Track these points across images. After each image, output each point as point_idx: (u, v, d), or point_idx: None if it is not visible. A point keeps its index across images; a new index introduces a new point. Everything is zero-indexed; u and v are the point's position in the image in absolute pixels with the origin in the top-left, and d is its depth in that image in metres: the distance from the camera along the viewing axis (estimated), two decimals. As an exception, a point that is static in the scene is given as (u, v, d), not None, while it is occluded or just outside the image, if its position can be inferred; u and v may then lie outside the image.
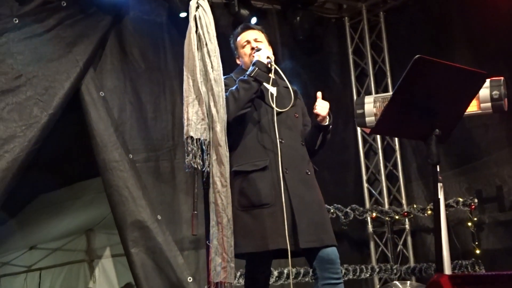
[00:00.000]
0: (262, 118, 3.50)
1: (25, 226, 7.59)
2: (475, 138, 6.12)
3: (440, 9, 6.52)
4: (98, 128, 5.22)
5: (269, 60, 3.49)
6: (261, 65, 3.46)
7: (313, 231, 3.38)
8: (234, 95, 3.40)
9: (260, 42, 3.70)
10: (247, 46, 3.71)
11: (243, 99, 3.40)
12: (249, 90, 3.42)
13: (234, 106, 3.38)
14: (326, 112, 3.55)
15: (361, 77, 7.11)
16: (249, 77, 3.42)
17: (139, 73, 5.61)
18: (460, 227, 6.14)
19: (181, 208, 5.50)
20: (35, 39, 5.05)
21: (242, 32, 3.80)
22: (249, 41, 3.71)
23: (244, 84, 3.42)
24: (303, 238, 3.32)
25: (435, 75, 2.91)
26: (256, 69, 3.44)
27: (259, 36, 3.74)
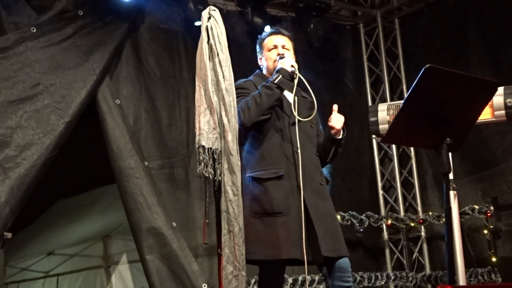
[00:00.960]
0: (279, 127, 3.51)
1: (43, 232, 7.67)
2: (491, 145, 6.09)
3: (456, 16, 6.50)
4: (114, 136, 5.28)
5: (293, 69, 3.48)
6: (285, 72, 3.46)
7: (331, 241, 3.40)
8: (256, 100, 3.41)
9: (287, 49, 3.70)
10: (273, 51, 3.69)
11: (265, 105, 3.41)
12: (271, 97, 3.42)
13: (255, 111, 3.40)
14: (341, 125, 3.54)
15: (376, 84, 7.11)
16: (272, 84, 3.43)
17: (154, 81, 5.66)
18: (476, 234, 6.10)
19: (195, 215, 5.53)
20: (52, 48, 5.13)
21: (271, 35, 3.76)
22: (277, 46, 3.69)
23: (267, 90, 3.42)
24: (324, 247, 3.33)
25: (445, 84, 2.90)
26: (280, 76, 3.44)
27: (287, 43, 3.73)
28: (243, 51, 5.89)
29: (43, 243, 7.84)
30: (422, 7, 6.80)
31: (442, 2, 6.60)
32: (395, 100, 6.90)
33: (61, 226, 7.68)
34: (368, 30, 7.14)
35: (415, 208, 6.80)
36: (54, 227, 7.68)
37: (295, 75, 3.46)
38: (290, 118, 3.52)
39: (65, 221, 7.63)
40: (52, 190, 6.60)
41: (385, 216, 6.64)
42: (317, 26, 6.48)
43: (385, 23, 7.07)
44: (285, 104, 3.54)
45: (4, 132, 4.79)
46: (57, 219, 7.62)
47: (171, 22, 5.86)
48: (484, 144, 6.08)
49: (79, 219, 7.62)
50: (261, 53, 3.76)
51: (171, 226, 5.35)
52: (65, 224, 7.66)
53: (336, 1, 6.70)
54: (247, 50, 5.97)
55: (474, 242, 6.03)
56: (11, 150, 4.79)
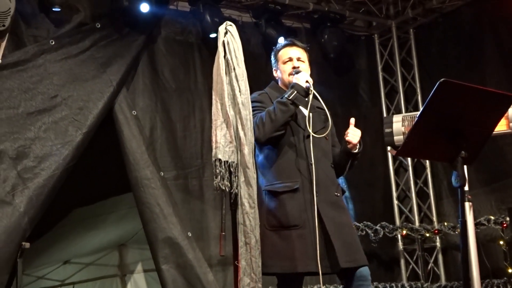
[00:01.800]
0: (294, 140, 3.52)
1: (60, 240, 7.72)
2: (506, 155, 6.08)
3: (471, 26, 6.51)
4: (131, 147, 5.34)
5: (308, 85, 3.47)
6: (300, 88, 3.46)
7: (349, 252, 3.41)
8: (271, 116, 3.41)
9: (302, 61, 3.68)
10: (289, 63, 3.67)
11: (279, 121, 3.41)
12: (286, 113, 3.42)
13: (270, 127, 3.40)
14: (357, 140, 3.54)
15: (391, 94, 7.12)
16: (287, 100, 3.43)
17: (169, 93, 5.74)
18: (492, 245, 6.08)
19: (209, 225, 5.59)
20: (70, 60, 5.22)
21: (286, 47, 3.73)
22: (292, 58, 3.67)
23: (282, 106, 3.42)
24: (342, 258, 3.35)
25: (460, 98, 2.91)
26: (294, 92, 3.43)
27: (302, 55, 3.71)
28: (258, 62, 5.95)
29: (59, 252, 7.89)
30: (437, 18, 6.81)
31: (457, 13, 6.61)
32: (410, 110, 6.91)
33: (77, 235, 7.73)
34: (383, 41, 7.16)
35: (430, 218, 6.79)
36: (71, 236, 7.72)
37: (310, 91, 3.47)
38: (304, 132, 3.53)
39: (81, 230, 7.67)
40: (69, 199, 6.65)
41: (400, 226, 6.64)
42: (331, 37, 6.51)
43: (400, 33, 7.09)
44: (299, 118, 3.55)
45: (23, 143, 4.87)
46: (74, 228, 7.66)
47: (187, 34, 5.93)
48: (499, 154, 6.07)
49: (95, 228, 7.67)
50: (276, 65, 3.75)
51: (187, 236, 5.39)
52: (81, 233, 7.70)
53: (351, 12, 6.75)
54: (262, 61, 6.02)
55: (490, 253, 6.01)
56: (30, 161, 4.87)
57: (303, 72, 3.58)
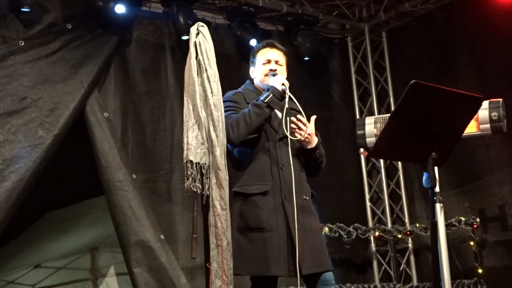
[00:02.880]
0: (267, 143, 3.50)
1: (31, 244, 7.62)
2: (477, 157, 6.16)
3: (443, 30, 6.58)
4: (103, 149, 5.29)
5: (283, 88, 3.47)
6: (275, 92, 3.45)
7: (315, 257, 3.42)
8: (246, 118, 3.39)
9: (280, 65, 3.67)
10: (266, 65, 3.65)
11: (254, 124, 3.40)
12: (261, 116, 3.40)
13: (244, 129, 3.38)
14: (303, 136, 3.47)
15: (363, 96, 7.16)
16: (263, 103, 3.41)
17: (140, 95, 5.70)
18: (463, 246, 6.15)
19: (178, 228, 5.57)
20: (40, 61, 5.14)
21: (265, 47, 3.72)
22: (270, 61, 3.66)
23: (257, 109, 3.41)
24: (306, 264, 3.35)
25: (431, 100, 2.94)
26: (270, 96, 3.42)
27: (281, 58, 3.69)
28: (231, 64, 5.94)
29: (30, 255, 7.78)
30: (410, 21, 6.87)
31: (430, 17, 6.68)
32: (382, 112, 6.95)
33: (48, 238, 7.63)
34: (356, 43, 7.20)
35: (403, 219, 6.84)
36: (42, 240, 7.63)
37: (286, 94, 3.45)
38: (277, 134, 3.51)
39: (52, 233, 7.58)
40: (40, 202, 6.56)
41: (372, 228, 6.67)
42: (305, 39, 6.52)
43: (373, 36, 7.13)
44: (273, 119, 3.54)
45: (-9, 146, 4.80)
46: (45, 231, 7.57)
47: (159, 36, 5.89)
48: (469, 156, 6.14)
49: (67, 231, 7.58)
50: (254, 65, 3.73)
51: (159, 239, 5.36)
52: (53, 236, 7.61)
53: (324, 15, 6.77)
54: (235, 63, 6.01)
55: (460, 254, 6.07)
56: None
57: (279, 75, 3.56)
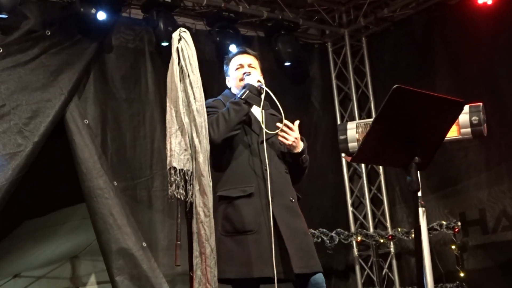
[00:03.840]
0: (248, 145, 3.51)
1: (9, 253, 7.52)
2: (455, 161, 6.21)
3: (422, 34, 6.64)
4: (83, 156, 5.25)
5: (260, 84, 3.51)
6: (252, 88, 3.48)
7: (303, 258, 3.40)
8: (225, 116, 3.41)
9: (253, 68, 3.69)
10: (240, 70, 3.68)
11: (233, 121, 3.41)
12: (239, 112, 3.42)
13: (224, 127, 3.39)
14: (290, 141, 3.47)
15: (344, 101, 7.19)
16: (240, 99, 3.44)
17: (119, 102, 5.67)
18: (444, 250, 6.18)
19: (158, 236, 5.54)
20: (19, 68, 5.09)
21: (236, 55, 3.76)
22: (242, 65, 3.69)
23: (235, 106, 3.43)
24: (296, 264, 3.33)
25: (413, 104, 2.94)
26: (247, 92, 3.45)
27: (253, 61, 3.72)
28: (211, 71, 5.91)
29: (8, 265, 7.68)
30: (389, 26, 6.92)
31: (409, 22, 6.74)
32: (363, 117, 6.99)
33: (27, 247, 7.54)
34: (336, 49, 7.23)
35: (384, 224, 6.87)
36: (21, 249, 7.53)
37: (262, 89, 3.48)
38: (259, 137, 3.52)
39: (32, 242, 7.49)
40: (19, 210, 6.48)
41: (355, 232, 6.68)
42: (285, 45, 6.54)
43: (353, 41, 7.17)
44: (253, 122, 3.55)
45: (-31, 154, 4.73)
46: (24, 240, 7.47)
47: (139, 42, 5.86)
48: (448, 160, 6.18)
49: (46, 240, 7.49)
50: (228, 73, 3.77)
51: (141, 246, 5.32)
52: (32, 245, 7.52)
53: (304, 20, 6.80)
54: (215, 70, 5.98)
55: (442, 258, 6.11)
56: (-24, 173, 4.72)
57: (253, 73, 3.59)
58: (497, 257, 5.95)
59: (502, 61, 5.97)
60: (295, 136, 3.49)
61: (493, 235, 6.01)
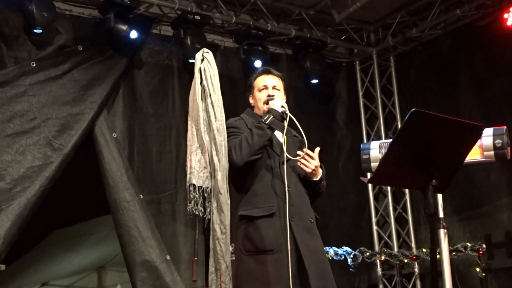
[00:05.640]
0: (270, 166, 3.54)
1: (38, 262, 7.67)
2: (477, 182, 6.17)
3: (448, 55, 6.63)
4: (110, 169, 5.35)
5: (283, 109, 3.53)
6: (275, 113, 3.51)
7: (321, 278, 3.43)
8: (248, 140, 3.45)
9: (277, 90, 3.71)
10: (264, 91, 3.70)
11: (256, 145, 3.44)
12: (263, 137, 3.46)
13: (247, 151, 3.43)
14: (310, 169, 3.52)
15: (371, 120, 7.19)
16: (264, 124, 3.47)
17: (147, 117, 5.77)
18: (468, 272, 6.12)
19: (180, 250, 5.61)
20: (51, 82, 5.24)
21: (261, 75, 3.75)
22: (267, 86, 3.70)
23: (259, 130, 3.46)
24: (315, 284, 3.36)
25: (431, 128, 2.96)
26: (271, 117, 3.48)
27: (278, 83, 3.74)
28: (238, 87, 5.97)
29: (37, 273, 7.83)
30: (417, 46, 6.93)
31: (436, 42, 6.73)
32: (389, 136, 6.98)
33: (56, 256, 7.68)
34: (364, 68, 7.25)
35: (409, 244, 6.82)
36: (49, 258, 7.68)
37: (286, 115, 3.52)
38: (280, 157, 3.55)
39: (60, 251, 7.63)
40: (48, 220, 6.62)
41: (379, 251, 6.66)
42: (313, 63, 6.57)
43: (381, 60, 7.19)
44: (275, 143, 3.58)
45: (0, 166, 4.86)
46: (52, 249, 7.62)
47: (168, 59, 5.96)
48: (470, 182, 6.14)
49: (74, 249, 7.62)
50: (252, 92, 3.79)
51: (165, 259, 5.39)
52: (60, 254, 7.66)
53: (332, 39, 6.83)
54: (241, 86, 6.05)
55: (465, 280, 6.05)
56: (5, 184, 4.86)
57: (278, 98, 3.62)
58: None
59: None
60: (315, 165, 3.53)
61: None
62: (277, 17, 6.47)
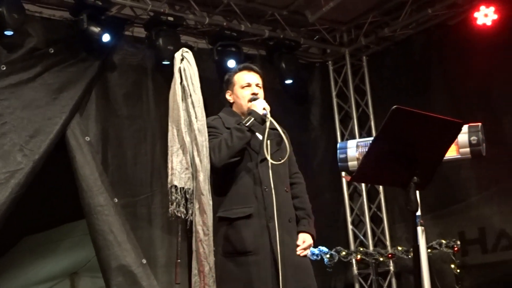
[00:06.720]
0: (249, 165, 3.51)
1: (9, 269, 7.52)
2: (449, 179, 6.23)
3: (421, 54, 6.71)
4: (84, 173, 5.27)
5: (265, 112, 3.48)
6: (257, 115, 3.46)
7: (301, 278, 3.43)
8: (228, 142, 3.41)
9: (260, 88, 3.67)
10: (247, 89, 3.64)
11: (236, 147, 3.41)
12: (242, 139, 3.42)
13: (226, 153, 3.40)
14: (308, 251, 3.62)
15: (345, 120, 7.22)
16: (244, 127, 3.43)
17: (121, 119, 5.70)
18: (443, 269, 6.18)
19: (157, 253, 5.55)
20: (22, 86, 5.14)
21: (243, 70, 3.70)
22: (250, 84, 3.64)
23: (239, 132, 3.42)
24: (291, 285, 3.35)
25: (412, 125, 2.97)
26: (252, 120, 3.44)
27: (259, 81, 3.70)
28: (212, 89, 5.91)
29: (8, 281, 7.67)
30: (389, 46, 6.98)
31: (408, 41, 6.80)
32: (363, 135, 7.00)
33: (27, 263, 7.54)
34: (337, 67, 7.28)
35: (384, 242, 6.86)
36: (20, 265, 7.53)
37: (267, 118, 3.48)
38: (259, 156, 3.51)
39: (31, 258, 7.49)
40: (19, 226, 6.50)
41: (354, 251, 6.68)
42: (286, 64, 6.58)
43: (354, 60, 7.22)
44: (254, 143, 3.54)
45: (-31, 172, 4.76)
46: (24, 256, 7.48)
47: (141, 60, 5.90)
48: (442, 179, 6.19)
49: (46, 256, 7.50)
50: (231, 88, 3.69)
51: (141, 263, 5.33)
52: (32, 261, 7.52)
53: (305, 39, 6.84)
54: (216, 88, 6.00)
55: (441, 277, 6.10)
56: (-25, 190, 4.75)
57: (260, 99, 3.59)
58: (495, 276, 5.96)
59: (497, 81, 6.04)
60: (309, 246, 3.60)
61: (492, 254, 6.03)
62: (250, 18, 6.45)
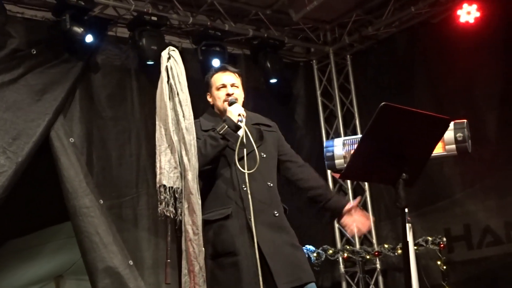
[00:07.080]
0: (226, 165, 3.45)
1: (-8, 274, 7.45)
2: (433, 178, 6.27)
3: (404, 52, 6.75)
4: (68, 175, 5.23)
5: (239, 118, 3.42)
6: (230, 123, 3.40)
7: (291, 272, 3.35)
8: (201, 150, 3.36)
9: (236, 87, 3.62)
10: (223, 90, 3.60)
11: (209, 156, 3.37)
12: (216, 148, 3.38)
13: (200, 161, 3.33)
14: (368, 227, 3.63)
15: (329, 119, 7.23)
16: (218, 134, 3.38)
17: (105, 120, 5.66)
18: (429, 265, 6.21)
19: (143, 255, 5.52)
20: (4, 88, 5.08)
21: (218, 72, 3.67)
22: (225, 85, 3.60)
23: (212, 140, 3.38)
24: (280, 280, 3.30)
25: (401, 121, 2.98)
26: (225, 127, 3.38)
27: (235, 80, 3.65)
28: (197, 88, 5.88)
29: (-9, 285, 7.60)
30: (373, 44, 7.01)
31: (392, 40, 6.84)
32: (348, 134, 7.02)
33: (11, 267, 7.46)
34: (321, 66, 7.29)
35: (370, 240, 6.88)
36: (4, 269, 7.46)
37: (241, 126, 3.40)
38: (235, 155, 3.42)
39: (15, 261, 7.41)
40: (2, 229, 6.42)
41: (341, 249, 6.70)
42: (271, 63, 6.57)
43: (338, 59, 7.24)
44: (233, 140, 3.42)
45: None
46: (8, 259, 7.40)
47: (125, 61, 5.86)
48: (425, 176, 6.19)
49: (30, 259, 7.42)
50: (210, 90, 3.68)
51: (128, 265, 5.29)
52: (16, 265, 7.45)
53: (289, 38, 6.85)
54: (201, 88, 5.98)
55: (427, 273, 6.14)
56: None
57: (236, 104, 3.51)
58: (481, 271, 6.00)
59: (479, 78, 6.10)
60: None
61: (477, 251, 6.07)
62: (234, 18, 6.44)
